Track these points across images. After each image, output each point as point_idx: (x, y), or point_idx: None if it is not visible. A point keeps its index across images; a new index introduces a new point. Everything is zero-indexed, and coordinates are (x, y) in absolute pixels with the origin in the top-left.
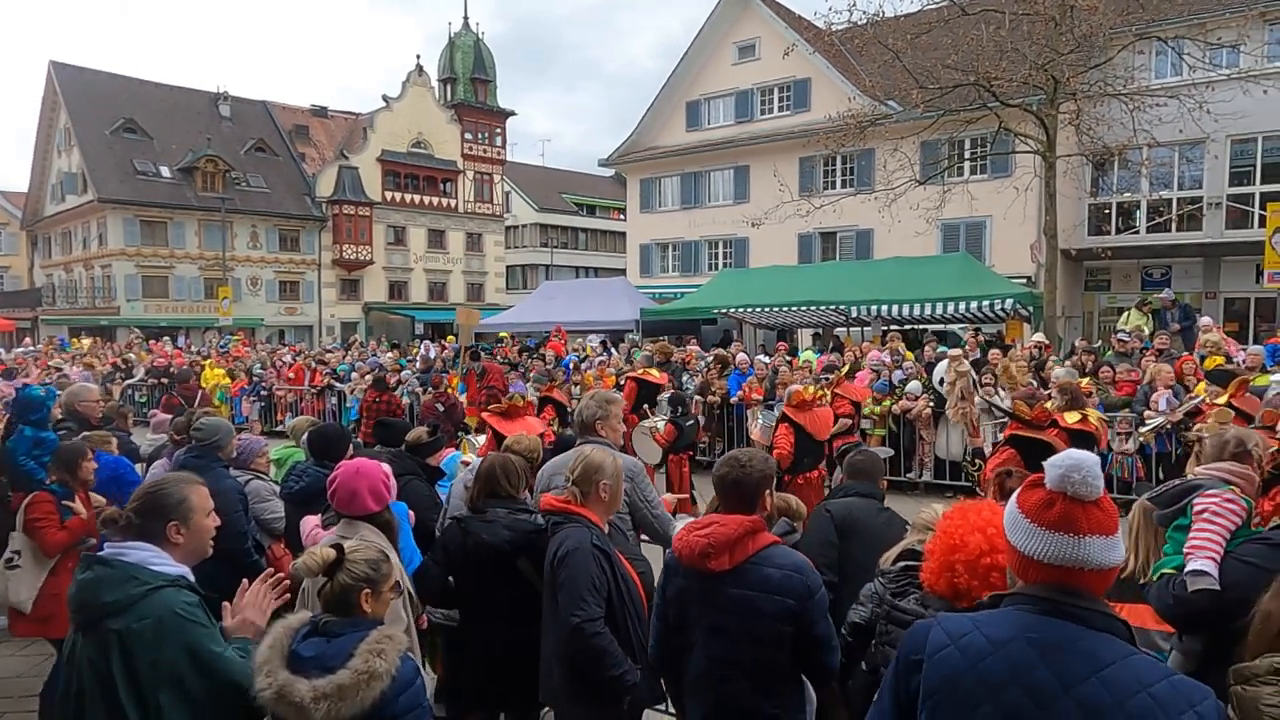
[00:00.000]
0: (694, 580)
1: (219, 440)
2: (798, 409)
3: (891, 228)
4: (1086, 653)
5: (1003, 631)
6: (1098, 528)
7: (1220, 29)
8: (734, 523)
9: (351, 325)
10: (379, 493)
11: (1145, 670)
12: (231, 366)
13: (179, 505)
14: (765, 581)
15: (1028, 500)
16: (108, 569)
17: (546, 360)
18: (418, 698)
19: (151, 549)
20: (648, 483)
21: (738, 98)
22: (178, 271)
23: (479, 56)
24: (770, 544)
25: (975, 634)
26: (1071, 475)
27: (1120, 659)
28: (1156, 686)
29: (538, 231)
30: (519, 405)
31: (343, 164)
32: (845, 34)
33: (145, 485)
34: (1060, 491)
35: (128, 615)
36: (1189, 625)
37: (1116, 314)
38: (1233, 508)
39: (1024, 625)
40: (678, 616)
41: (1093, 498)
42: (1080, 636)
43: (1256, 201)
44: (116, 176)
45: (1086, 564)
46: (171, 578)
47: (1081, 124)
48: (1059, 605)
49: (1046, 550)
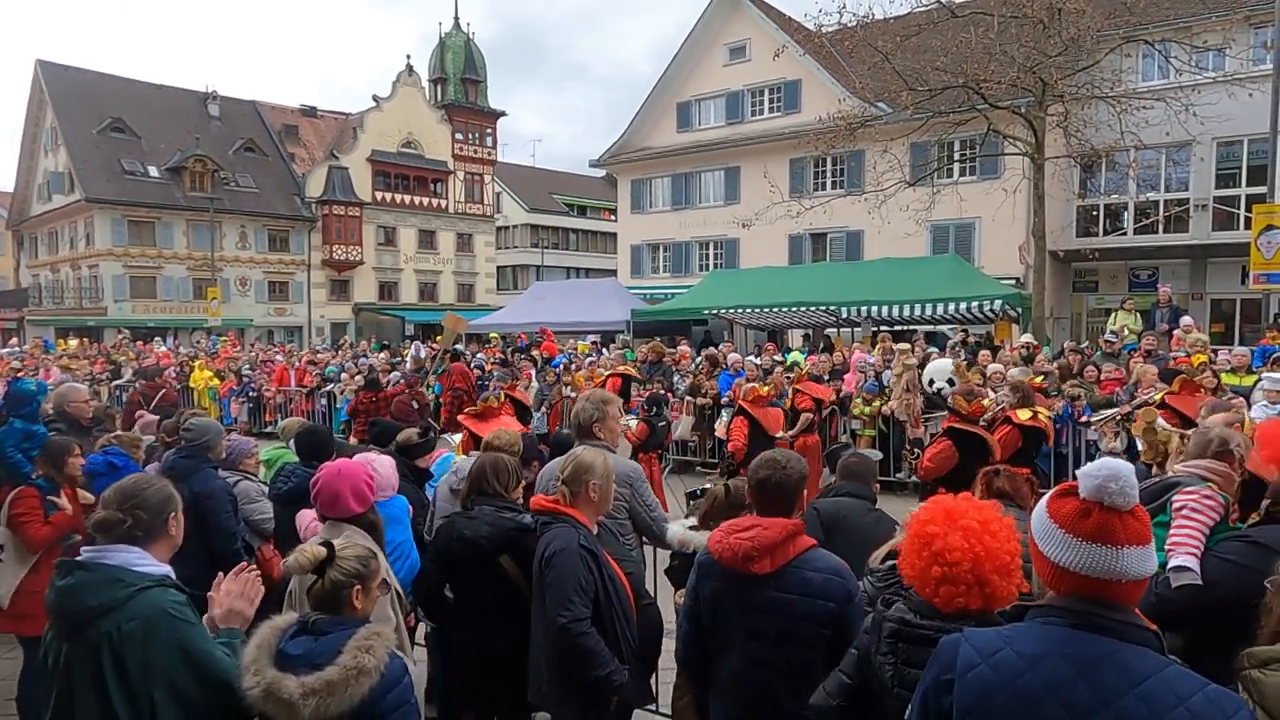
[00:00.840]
0: (732, 583)
1: (208, 441)
2: (753, 404)
3: (881, 229)
4: (1122, 667)
5: (1036, 647)
6: (1135, 538)
7: (1206, 32)
8: (777, 526)
9: (341, 326)
10: (362, 494)
11: (1181, 683)
12: (221, 368)
13: (171, 498)
14: (806, 585)
15: (1061, 509)
16: (89, 573)
17: (538, 362)
18: (405, 695)
19: (134, 550)
20: (646, 487)
21: (728, 99)
22: (166, 272)
23: (469, 57)
24: (810, 547)
25: (1007, 650)
26: (1109, 485)
27: (1155, 672)
28: (1193, 700)
29: (528, 232)
30: (494, 406)
31: (332, 164)
32: (835, 36)
33: (129, 486)
34: (1097, 501)
35: (116, 617)
36: (1171, 623)
37: (1104, 315)
38: (1211, 504)
39: (1058, 640)
40: (711, 618)
41: (1129, 508)
42: (1115, 650)
43: (1242, 203)
44: (104, 176)
45: (1125, 575)
46: (158, 577)
47: (1069, 126)
48: (1092, 618)
49: (1083, 562)
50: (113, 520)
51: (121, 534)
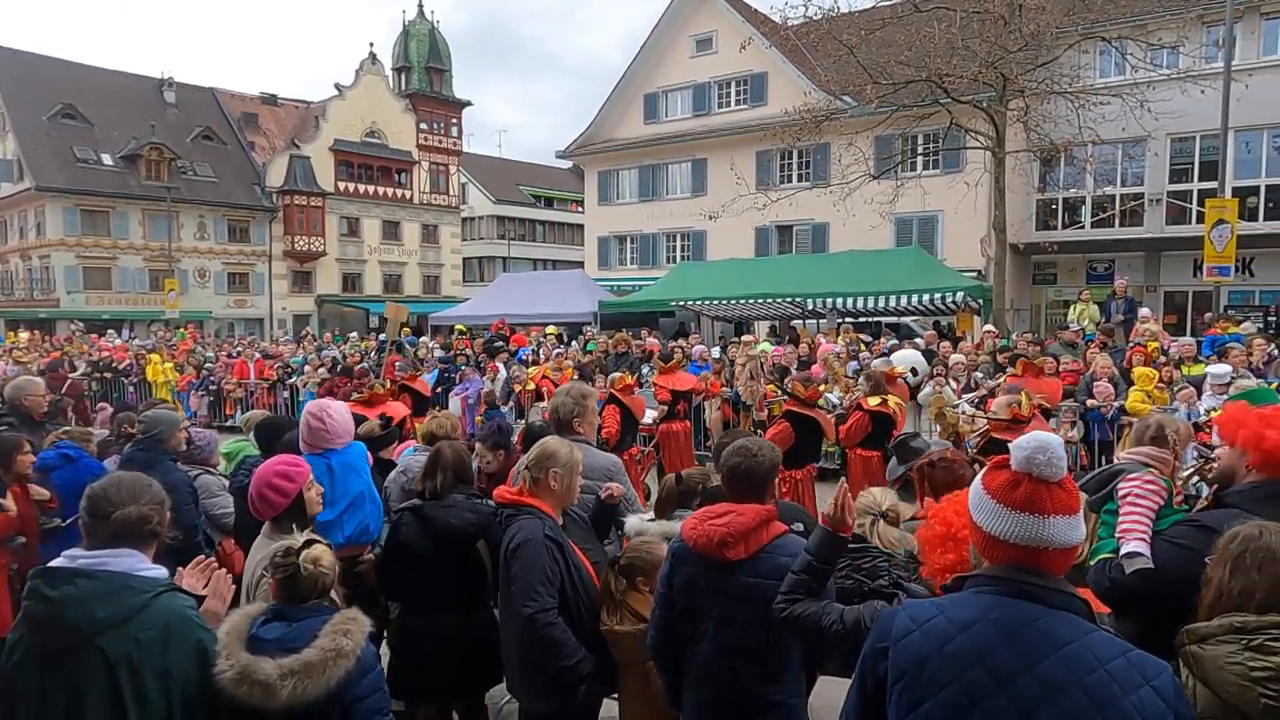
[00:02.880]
0: (706, 569)
1: (162, 433)
2: (622, 392)
3: (846, 222)
4: (1046, 631)
5: (967, 614)
6: (1062, 508)
7: (1161, 30)
8: (751, 512)
9: (304, 318)
10: (277, 488)
11: (1103, 647)
12: (181, 360)
13: (164, 496)
14: (779, 570)
15: (993, 481)
16: (95, 581)
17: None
18: (378, 681)
19: (135, 554)
20: (627, 479)
21: (695, 91)
22: (121, 262)
23: (434, 45)
24: (782, 533)
25: (940, 618)
26: (1037, 457)
27: (1079, 637)
28: (1114, 663)
29: (495, 223)
30: (380, 394)
31: (294, 153)
32: (801, 29)
33: (131, 482)
34: (1025, 472)
35: (131, 627)
36: (1125, 606)
37: (1063, 306)
38: (1154, 488)
39: (987, 606)
40: (685, 605)
41: (1057, 478)
42: (1040, 615)
43: (1195, 198)
44: (55, 164)
45: (1051, 543)
46: (166, 582)
47: (1029, 121)
48: (1021, 585)
49: (1013, 530)
50: (138, 517)
51: (141, 534)
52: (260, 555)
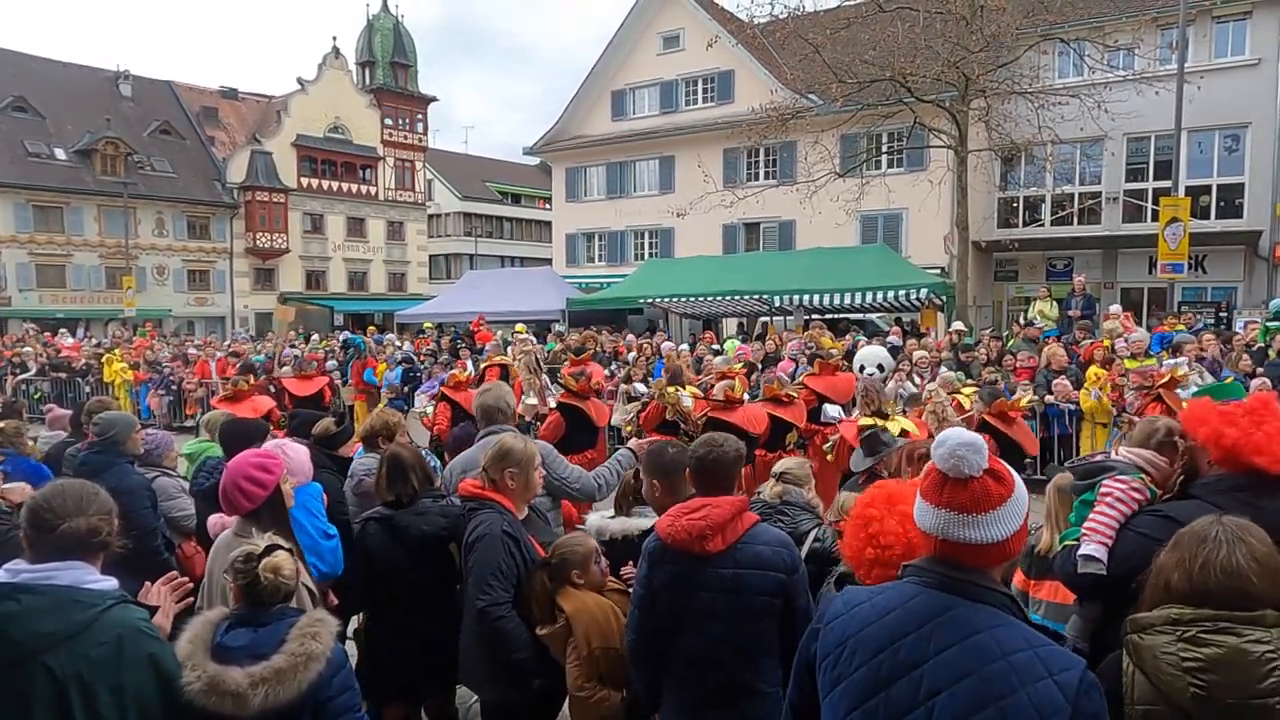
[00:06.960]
0: (685, 565)
1: (117, 434)
2: (454, 390)
3: (813, 219)
4: (957, 621)
5: (890, 602)
6: (973, 506)
7: (1117, 32)
8: (727, 503)
9: (266, 316)
10: (254, 479)
11: (1010, 639)
12: (138, 359)
13: (113, 504)
14: (757, 558)
15: (925, 479)
16: (37, 596)
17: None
18: (349, 680)
19: (82, 565)
20: (558, 460)
21: (662, 88)
22: (76, 260)
23: (399, 40)
24: (756, 522)
25: (866, 604)
26: (949, 456)
27: (989, 629)
28: (1018, 655)
29: (461, 220)
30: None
31: (255, 148)
32: (767, 27)
33: (76, 490)
34: (945, 471)
35: (79, 644)
36: (1089, 594)
37: (1024, 303)
38: (1136, 496)
39: (908, 595)
40: (668, 604)
41: (973, 474)
42: (954, 606)
43: (1150, 196)
44: (5, 158)
45: (970, 540)
46: (116, 594)
47: (991, 120)
48: (944, 578)
49: (936, 525)
50: (87, 529)
51: (89, 546)
52: (223, 558)
